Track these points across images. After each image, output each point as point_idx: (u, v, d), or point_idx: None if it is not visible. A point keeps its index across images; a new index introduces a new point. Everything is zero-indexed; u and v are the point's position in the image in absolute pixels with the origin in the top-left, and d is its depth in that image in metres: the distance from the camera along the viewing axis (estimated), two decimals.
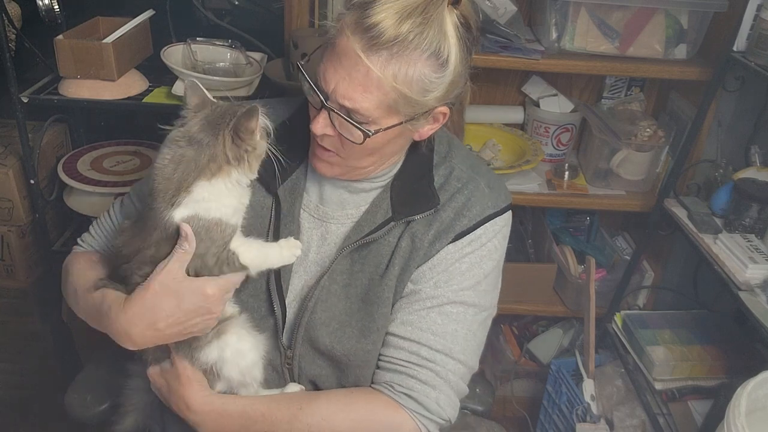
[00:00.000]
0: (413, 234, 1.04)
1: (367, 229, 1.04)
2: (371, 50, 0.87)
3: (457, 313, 1.04)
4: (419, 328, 1.02)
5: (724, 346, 1.73)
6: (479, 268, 1.05)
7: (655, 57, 1.72)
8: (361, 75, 0.88)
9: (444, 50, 0.89)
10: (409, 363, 1.02)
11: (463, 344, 1.03)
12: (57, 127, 2.03)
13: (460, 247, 1.04)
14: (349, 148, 0.97)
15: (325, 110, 0.94)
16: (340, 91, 0.90)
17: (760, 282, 1.38)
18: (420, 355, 1.02)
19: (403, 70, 0.88)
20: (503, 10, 1.79)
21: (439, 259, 1.04)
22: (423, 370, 1.01)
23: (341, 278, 1.05)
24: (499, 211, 1.06)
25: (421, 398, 1.01)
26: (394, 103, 0.90)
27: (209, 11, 2.00)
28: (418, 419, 1.01)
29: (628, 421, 1.78)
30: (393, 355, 1.03)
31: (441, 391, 1.02)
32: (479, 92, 2.06)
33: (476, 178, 1.07)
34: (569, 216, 2.16)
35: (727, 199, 1.58)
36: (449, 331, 1.03)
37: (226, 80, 1.72)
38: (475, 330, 1.05)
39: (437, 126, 1.00)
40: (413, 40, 0.86)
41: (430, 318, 1.03)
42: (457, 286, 1.03)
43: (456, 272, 1.04)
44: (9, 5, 1.80)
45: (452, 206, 1.04)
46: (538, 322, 2.25)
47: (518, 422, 2.16)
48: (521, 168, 1.81)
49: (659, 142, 1.82)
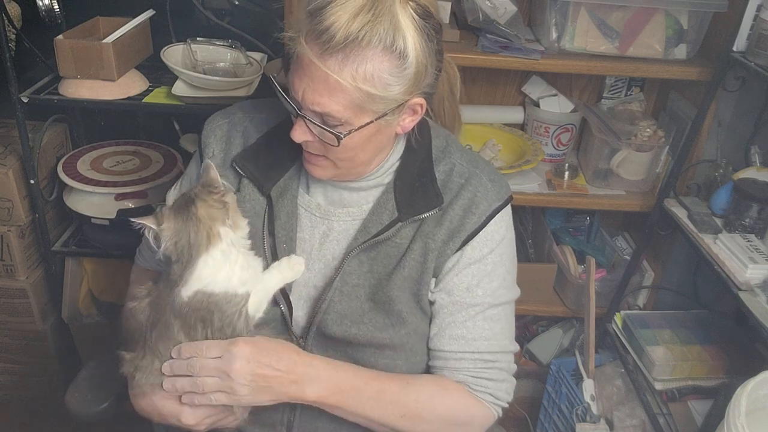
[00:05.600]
0: (425, 236, 1.06)
1: (374, 230, 1.05)
2: (325, 54, 0.88)
3: (498, 314, 1.11)
4: (473, 339, 1.09)
5: (724, 346, 1.72)
6: (501, 266, 1.10)
7: (655, 57, 1.72)
8: (321, 80, 0.90)
9: (399, 42, 0.89)
10: (477, 369, 1.10)
11: (509, 336, 1.14)
12: (57, 127, 2.03)
13: (478, 248, 1.08)
14: (332, 151, 0.98)
15: (300, 118, 0.96)
16: (308, 98, 0.92)
17: (760, 282, 1.38)
18: (484, 360, 1.10)
19: (361, 69, 0.88)
20: (503, 10, 1.79)
21: (463, 265, 1.08)
22: (491, 371, 1.11)
23: (351, 279, 1.06)
24: (503, 203, 1.10)
25: (496, 393, 1.11)
26: (361, 102, 0.91)
27: (209, 11, 2.00)
28: (493, 408, 1.12)
29: (628, 421, 1.77)
30: (459, 366, 1.10)
31: (508, 381, 1.14)
32: (479, 92, 2.07)
33: (477, 173, 1.09)
34: (569, 216, 2.16)
35: (727, 199, 1.58)
36: (497, 332, 1.11)
37: (226, 80, 1.72)
38: (511, 319, 1.15)
39: (417, 117, 1.01)
40: (364, 37, 0.87)
41: (477, 327, 1.09)
42: (488, 288, 1.09)
43: (482, 274, 1.08)
44: (9, 5, 1.80)
45: (459, 204, 1.07)
46: (538, 322, 2.25)
47: (518, 422, 2.15)
48: (521, 168, 1.81)
49: (659, 142, 1.82)
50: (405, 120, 1.00)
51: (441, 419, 1.09)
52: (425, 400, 1.07)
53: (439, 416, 1.08)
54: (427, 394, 1.08)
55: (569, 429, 1.85)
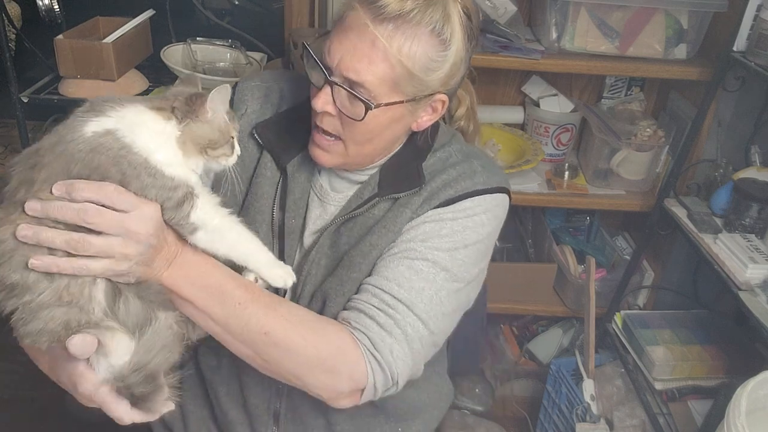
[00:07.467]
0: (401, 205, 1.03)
1: (354, 206, 1.05)
2: (377, 20, 0.89)
3: (427, 272, 0.98)
4: (385, 278, 0.98)
5: (724, 346, 1.73)
6: (460, 236, 1.01)
7: (655, 57, 1.72)
8: (367, 45, 0.90)
9: (446, 30, 0.92)
10: (369, 304, 0.97)
11: (428, 305, 0.97)
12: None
13: (442, 211, 1.02)
14: (349, 130, 0.97)
15: (327, 86, 0.95)
16: (345, 63, 0.91)
17: (760, 282, 1.38)
18: (381, 299, 0.97)
19: (407, 45, 0.90)
20: (503, 10, 1.79)
21: (420, 221, 1.02)
22: (382, 314, 0.96)
23: (330, 252, 1.05)
24: (489, 189, 1.04)
25: (375, 339, 0.94)
26: (398, 79, 0.92)
27: (209, 11, 2.00)
28: (369, 362, 0.93)
29: (628, 421, 1.78)
30: (356, 296, 1.00)
31: (396, 340, 0.94)
32: (479, 92, 2.06)
33: (471, 159, 1.08)
34: (569, 216, 2.17)
35: (727, 199, 1.58)
36: (415, 287, 0.97)
37: (226, 80, 1.72)
38: (442, 297, 0.99)
39: (435, 117, 1.02)
40: (416, 16, 0.89)
41: (398, 270, 0.98)
42: (432, 246, 1.00)
43: (433, 233, 1.01)
44: (9, 5, 1.80)
45: (442, 178, 1.04)
46: (538, 322, 2.25)
47: (518, 422, 2.15)
48: (521, 168, 1.81)
49: (659, 142, 1.82)
50: (424, 117, 1.01)
51: (307, 351, 0.92)
52: (296, 323, 0.93)
53: (307, 346, 0.92)
54: (300, 318, 0.94)
55: (569, 429, 1.85)
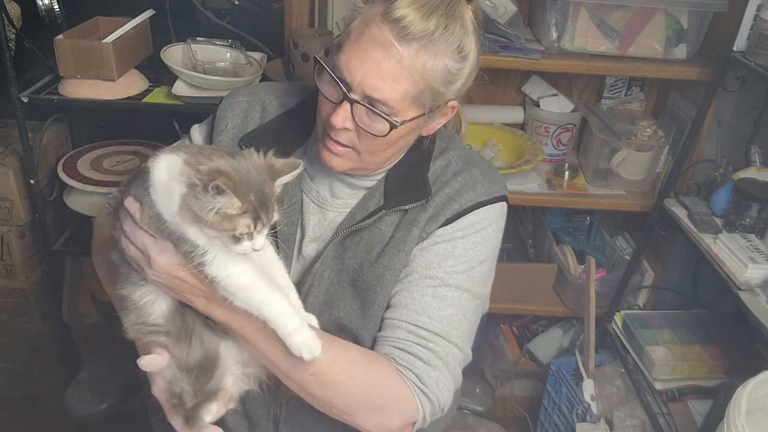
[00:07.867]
0: (410, 222, 1.03)
1: (359, 217, 1.04)
2: (403, 40, 0.89)
3: (452, 297, 1.01)
4: (415, 312, 1.00)
5: (724, 346, 1.73)
6: (473, 254, 1.03)
7: (655, 57, 1.72)
8: (393, 65, 0.89)
9: (466, 44, 0.92)
10: (408, 342, 0.99)
11: (459, 329, 1.01)
12: (57, 127, 2.02)
13: (451, 230, 1.03)
14: (366, 143, 0.97)
15: (347, 103, 0.93)
16: (369, 82, 0.90)
17: (760, 282, 1.38)
18: (418, 335, 0.99)
19: (431, 62, 0.90)
20: (503, 10, 1.79)
21: (431, 242, 1.03)
22: (423, 349, 0.98)
23: (333, 264, 1.05)
24: (492, 199, 1.06)
25: (422, 375, 0.97)
26: (420, 94, 0.92)
27: (209, 11, 2.00)
28: (418, 397, 0.96)
29: (628, 421, 1.78)
30: (391, 335, 1.00)
31: (440, 372, 0.98)
32: (479, 92, 2.07)
33: (471, 168, 1.08)
34: (569, 216, 2.16)
35: (727, 199, 1.58)
36: (445, 315, 1.00)
37: (226, 80, 1.72)
38: (469, 317, 1.03)
39: (445, 120, 1.02)
40: (441, 36, 0.90)
41: (425, 301, 1.00)
42: (450, 269, 1.02)
43: (448, 255, 1.02)
44: (9, 5, 1.80)
45: (445, 192, 1.05)
46: (538, 322, 2.25)
47: (518, 422, 2.16)
48: (521, 168, 1.81)
49: (659, 142, 1.82)
50: (436, 122, 1.01)
51: (356, 391, 0.95)
52: (344, 363, 0.96)
53: (355, 386, 0.95)
54: (348, 357, 0.97)
55: (569, 429, 1.85)
